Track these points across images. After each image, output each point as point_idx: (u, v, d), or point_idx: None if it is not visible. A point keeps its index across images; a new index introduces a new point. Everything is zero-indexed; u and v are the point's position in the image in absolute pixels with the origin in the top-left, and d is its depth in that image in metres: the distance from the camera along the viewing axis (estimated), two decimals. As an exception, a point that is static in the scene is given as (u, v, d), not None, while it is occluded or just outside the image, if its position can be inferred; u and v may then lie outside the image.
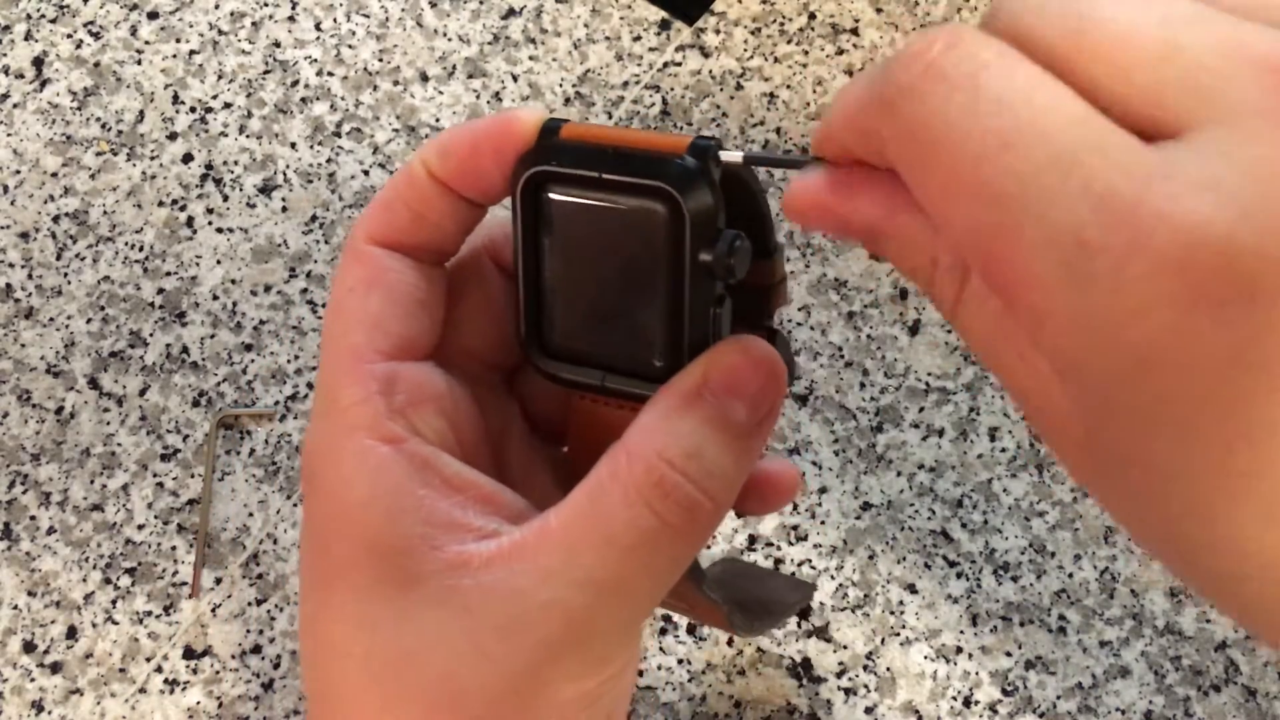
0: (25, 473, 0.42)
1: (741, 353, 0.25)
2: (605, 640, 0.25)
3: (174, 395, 0.43)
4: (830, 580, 0.40)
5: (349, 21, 0.49)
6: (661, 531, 0.24)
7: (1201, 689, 0.39)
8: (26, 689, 0.39)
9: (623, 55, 0.48)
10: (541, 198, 0.26)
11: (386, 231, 0.27)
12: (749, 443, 0.25)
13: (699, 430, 0.24)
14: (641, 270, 0.25)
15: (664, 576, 0.25)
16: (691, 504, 0.24)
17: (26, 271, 0.45)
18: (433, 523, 0.25)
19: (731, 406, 0.25)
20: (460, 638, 0.25)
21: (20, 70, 0.48)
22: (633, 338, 0.26)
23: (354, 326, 0.26)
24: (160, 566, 0.41)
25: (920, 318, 0.44)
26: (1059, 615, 0.40)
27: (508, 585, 0.25)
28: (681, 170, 0.24)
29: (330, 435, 0.26)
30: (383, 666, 0.25)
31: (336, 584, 0.26)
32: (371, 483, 0.25)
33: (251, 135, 0.47)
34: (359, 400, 0.26)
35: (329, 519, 0.26)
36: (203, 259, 0.45)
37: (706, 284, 0.25)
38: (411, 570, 0.25)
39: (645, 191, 0.24)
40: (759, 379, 0.25)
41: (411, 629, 0.25)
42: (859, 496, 0.42)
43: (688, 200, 0.24)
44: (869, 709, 0.39)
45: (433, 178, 0.27)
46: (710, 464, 0.24)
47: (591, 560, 0.24)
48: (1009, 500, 0.41)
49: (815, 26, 0.49)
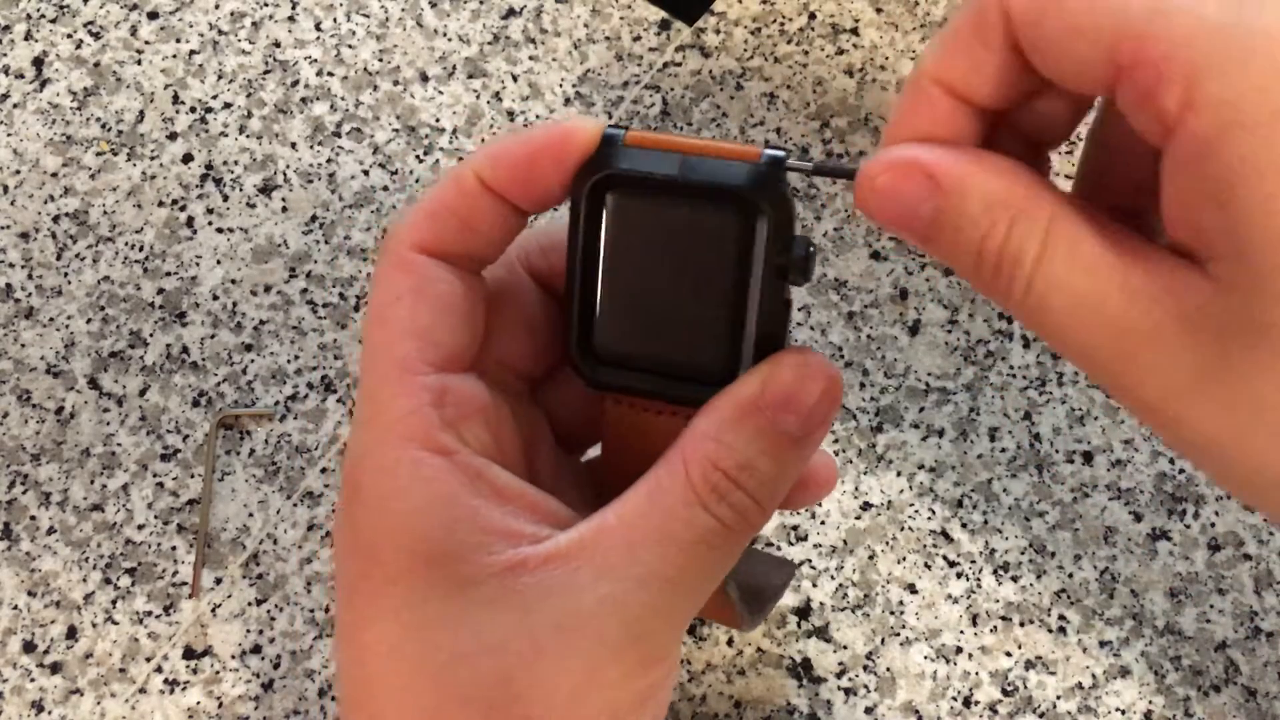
0: (25, 473, 0.42)
1: (799, 366, 0.25)
2: (660, 638, 0.26)
3: (174, 395, 0.43)
4: (830, 580, 0.40)
5: (349, 21, 0.49)
6: (717, 531, 0.25)
7: (1201, 689, 0.39)
8: (26, 689, 0.39)
9: (623, 55, 0.48)
10: (605, 203, 0.26)
11: (433, 240, 0.27)
12: (801, 452, 0.26)
13: (754, 442, 0.25)
14: (709, 275, 0.26)
15: (715, 574, 0.26)
16: (744, 509, 0.25)
17: (26, 271, 0.45)
18: (488, 530, 0.25)
19: (786, 420, 0.25)
20: (517, 638, 0.25)
21: (20, 70, 0.48)
22: (692, 342, 0.26)
23: (402, 337, 0.26)
24: (160, 566, 0.41)
25: (920, 318, 0.44)
26: (1059, 615, 0.40)
27: (566, 583, 0.25)
28: (761, 175, 0.25)
29: (380, 446, 0.26)
30: (439, 669, 0.25)
31: (387, 590, 0.26)
32: (426, 493, 0.25)
33: (251, 135, 0.47)
34: (410, 411, 0.26)
35: (378, 528, 0.26)
36: (203, 259, 0.45)
37: (777, 288, 0.25)
38: (467, 575, 0.25)
39: (721, 196, 0.25)
40: (815, 393, 0.25)
41: (467, 632, 0.25)
42: (859, 496, 0.42)
43: (769, 205, 0.25)
44: (869, 709, 0.39)
45: (485, 186, 0.26)
46: (763, 474, 0.25)
47: (651, 556, 0.25)
48: (1009, 500, 0.41)
49: (815, 26, 0.49)
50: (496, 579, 0.25)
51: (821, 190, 0.46)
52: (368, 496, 0.26)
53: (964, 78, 0.23)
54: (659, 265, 0.26)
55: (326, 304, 0.44)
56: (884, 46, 0.48)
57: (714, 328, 0.26)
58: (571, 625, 0.25)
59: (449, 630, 0.25)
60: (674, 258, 0.26)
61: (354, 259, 0.45)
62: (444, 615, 0.25)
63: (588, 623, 0.25)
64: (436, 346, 0.26)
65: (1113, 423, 0.42)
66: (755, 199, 0.25)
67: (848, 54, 0.48)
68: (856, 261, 0.45)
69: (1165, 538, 0.41)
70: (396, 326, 0.26)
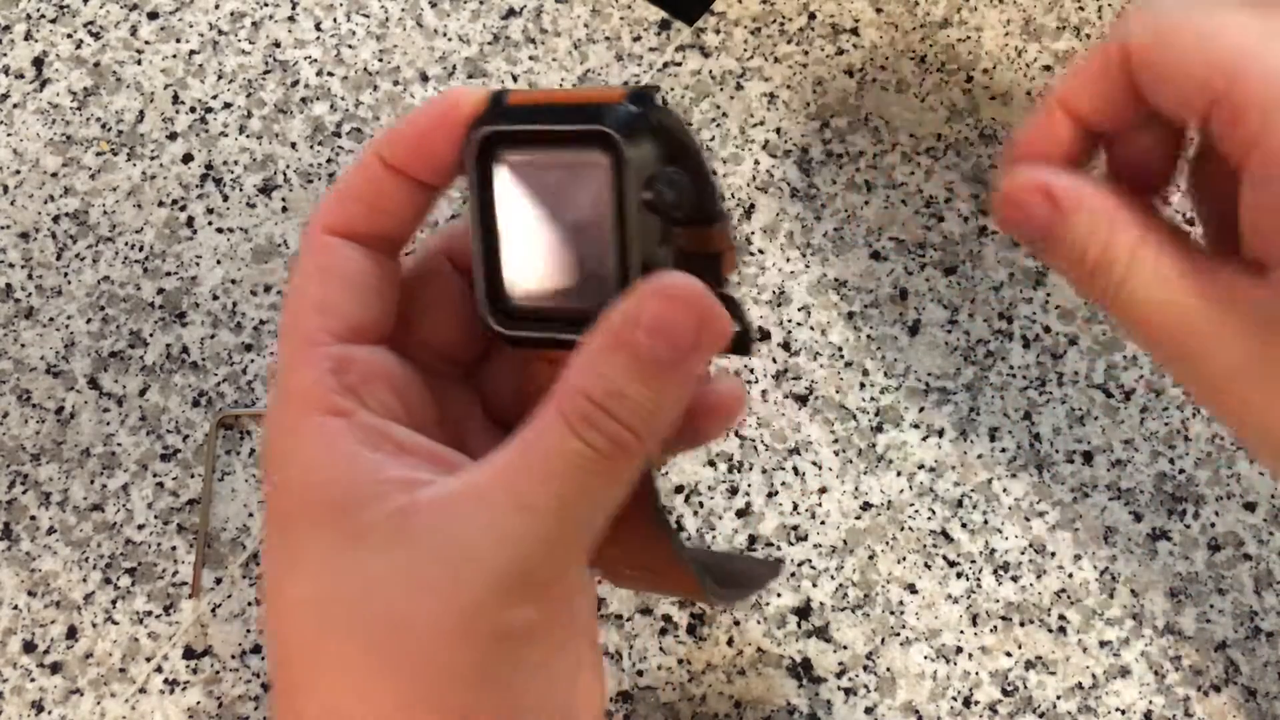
0: (25, 473, 0.42)
1: (664, 290, 0.25)
2: (545, 567, 0.26)
3: (174, 395, 0.43)
4: (830, 580, 0.40)
5: (349, 21, 0.49)
6: (593, 459, 0.25)
7: (1201, 689, 0.39)
8: (26, 689, 0.39)
9: (623, 55, 0.48)
10: (493, 162, 0.27)
11: (341, 222, 0.28)
12: (674, 377, 0.26)
13: (622, 370, 0.25)
14: (592, 219, 0.26)
15: (600, 501, 0.26)
16: (616, 435, 0.25)
17: (26, 271, 0.45)
18: (385, 481, 0.26)
19: (654, 345, 0.25)
20: (405, 575, 0.26)
21: (20, 70, 0.48)
22: (587, 288, 0.27)
23: (308, 312, 0.28)
24: (160, 566, 0.41)
25: (920, 318, 0.44)
26: (1059, 615, 0.40)
27: (453, 521, 0.26)
28: (619, 113, 0.25)
29: (286, 413, 0.27)
30: (335, 612, 0.26)
31: (295, 548, 0.27)
32: (327, 452, 0.26)
33: (251, 135, 0.47)
34: (313, 381, 0.27)
35: (286, 492, 0.27)
36: (203, 259, 0.45)
37: (651, 224, 0.26)
38: (364, 523, 0.26)
39: (587, 138, 0.26)
40: (679, 316, 0.25)
41: (360, 574, 0.26)
42: (859, 496, 0.42)
43: (626, 141, 0.25)
44: (869, 709, 0.39)
45: (387, 166, 0.28)
46: (634, 402, 0.25)
47: (529, 486, 0.25)
48: (1009, 500, 0.41)
49: (815, 26, 0.49)
50: (389, 523, 0.26)
51: (822, 190, 0.46)
52: (277, 462, 0.27)
53: (1086, 104, 0.29)
54: (549, 215, 0.27)
55: (326, 304, 0.44)
56: (884, 46, 0.48)
57: (603, 270, 0.27)
58: (456, 559, 0.25)
59: (345, 577, 0.26)
60: (560, 206, 0.27)
61: (354, 259, 0.45)
62: (342, 564, 0.26)
63: (472, 556, 0.25)
64: (341, 319, 0.28)
65: (1113, 423, 0.42)
66: (613, 134, 0.25)
67: (848, 54, 0.48)
68: (856, 261, 0.45)
69: (1165, 538, 0.41)
70: (303, 303, 0.28)
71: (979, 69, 0.48)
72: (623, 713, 0.39)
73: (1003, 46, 0.48)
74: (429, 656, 0.26)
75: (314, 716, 0.26)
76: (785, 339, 0.44)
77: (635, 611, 0.40)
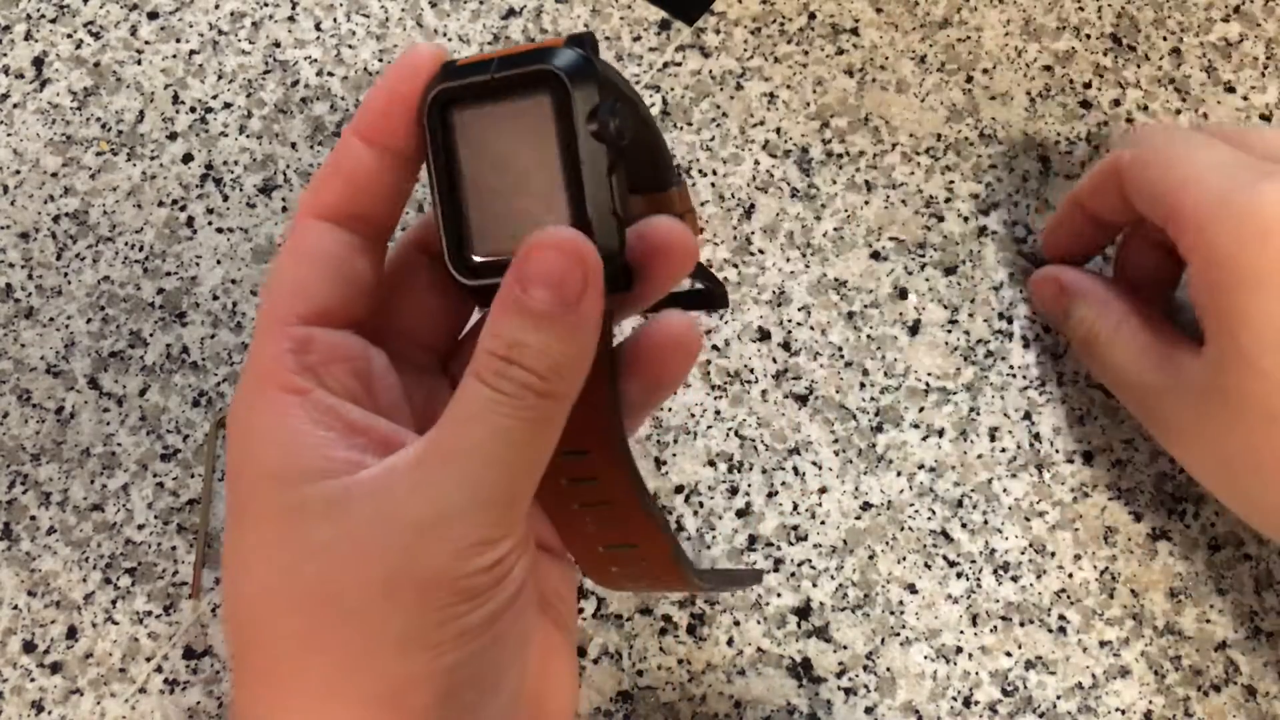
0: (25, 473, 0.42)
1: (540, 243, 0.26)
2: (472, 515, 0.26)
3: (174, 395, 0.43)
4: (830, 580, 0.40)
5: (349, 21, 0.49)
6: (505, 403, 0.26)
7: (1201, 689, 0.39)
8: (26, 689, 0.39)
9: (623, 55, 0.48)
10: (447, 119, 0.28)
11: (322, 203, 0.29)
12: (567, 322, 0.26)
13: (515, 323, 0.26)
14: (544, 161, 0.27)
15: (522, 452, 0.27)
16: (525, 381, 0.26)
17: (26, 271, 0.45)
18: (331, 459, 0.27)
19: (538, 296, 0.26)
20: (339, 542, 0.26)
21: (20, 70, 0.48)
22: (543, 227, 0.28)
23: (280, 293, 0.29)
24: (160, 566, 0.41)
25: (920, 318, 0.44)
26: (1059, 615, 0.40)
27: (387, 489, 0.26)
28: (558, 53, 0.27)
29: (245, 388, 0.28)
30: (276, 583, 0.27)
31: (247, 519, 0.28)
32: (276, 427, 0.27)
33: (251, 135, 0.47)
34: (273, 358, 0.28)
35: (241, 462, 0.28)
36: (203, 259, 0.45)
37: (598, 154, 0.27)
38: (309, 496, 0.26)
39: (531, 81, 0.27)
40: (557, 262, 0.26)
41: (297, 545, 0.26)
42: (859, 496, 0.42)
43: (568, 77, 0.27)
44: (869, 709, 0.39)
45: (362, 139, 0.29)
46: (534, 349, 0.26)
47: (449, 436, 0.26)
48: (1009, 500, 0.41)
49: (815, 26, 0.49)
50: (328, 497, 0.26)
51: (821, 190, 0.46)
52: (234, 435, 0.28)
53: (1095, 203, 0.40)
54: (507, 165, 0.28)
55: (326, 304, 0.44)
56: (884, 46, 0.48)
57: (561, 212, 0.27)
58: (385, 519, 0.26)
59: (284, 548, 0.27)
60: (516, 154, 0.28)
61: (354, 259, 0.45)
62: (286, 536, 0.27)
63: (399, 513, 0.26)
64: (308, 300, 0.29)
65: (1113, 423, 0.42)
66: (555, 71, 0.27)
67: (848, 54, 0.48)
68: (856, 261, 0.45)
69: (1165, 538, 0.41)
70: (278, 284, 0.29)
71: (979, 69, 0.48)
72: (623, 713, 0.39)
73: (1003, 46, 0.48)
74: (359, 624, 0.26)
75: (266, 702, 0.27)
76: (785, 339, 0.44)
77: (635, 611, 0.40)
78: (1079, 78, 0.48)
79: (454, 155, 0.28)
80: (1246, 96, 0.47)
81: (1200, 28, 0.49)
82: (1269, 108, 0.47)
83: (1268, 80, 0.48)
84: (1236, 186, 0.34)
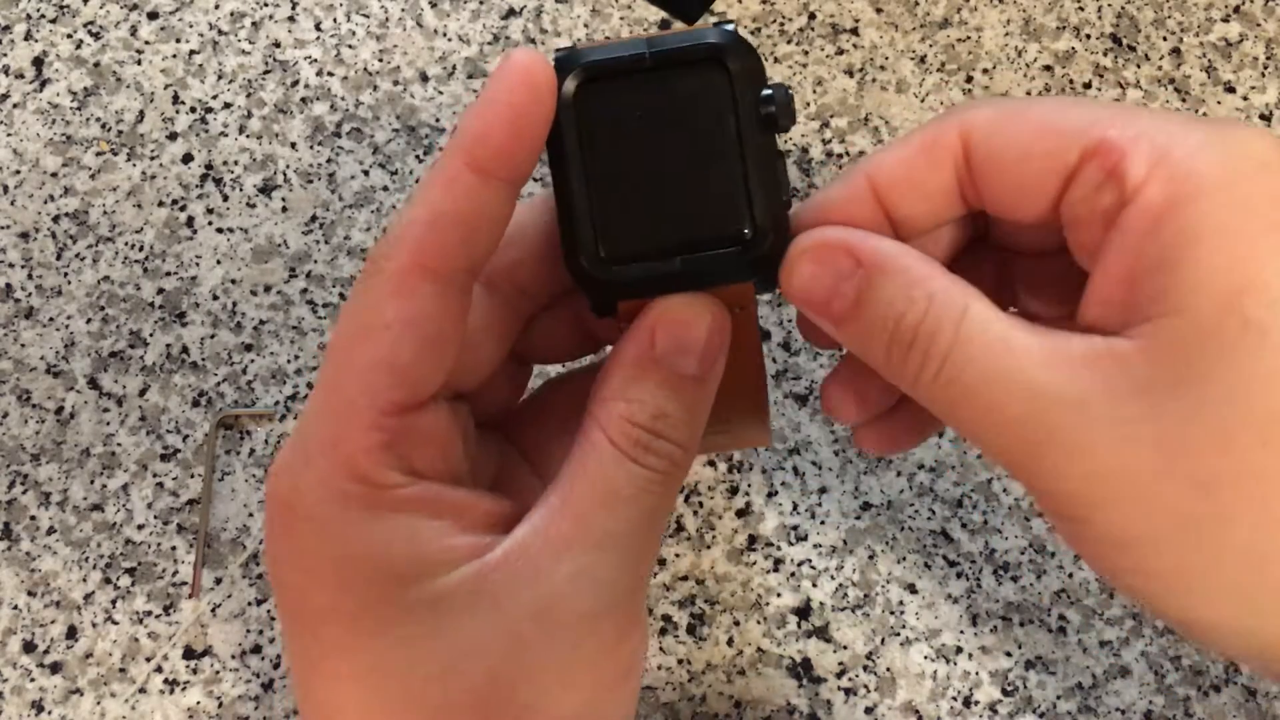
0: (25, 473, 0.42)
1: (682, 310, 0.26)
2: (630, 601, 0.26)
3: (174, 395, 0.43)
4: (830, 580, 0.40)
5: (349, 21, 0.49)
6: (653, 479, 0.26)
7: (1201, 689, 0.39)
8: (26, 689, 0.39)
9: (623, 55, 0.48)
10: (589, 103, 0.26)
11: (436, 256, 0.25)
12: (706, 389, 0.26)
13: (660, 391, 0.26)
14: (702, 142, 0.26)
15: (661, 520, 0.26)
16: (669, 453, 0.26)
17: (26, 271, 0.45)
18: (453, 548, 0.25)
19: (684, 363, 0.26)
20: (496, 635, 0.25)
21: (20, 70, 0.48)
22: (702, 213, 0.26)
23: (377, 369, 0.24)
24: (160, 566, 0.41)
25: (920, 318, 0.44)
26: (1059, 615, 0.40)
27: (531, 572, 0.25)
28: (723, 33, 0.26)
29: (326, 478, 0.25)
30: (421, 687, 0.25)
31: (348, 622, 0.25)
32: (380, 525, 0.25)
33: (251, 135, 0.47)
34: (365, 451, 0.24)
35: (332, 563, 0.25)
36: (203, 259, 0.45)
37: (768, 139, 0.26)
38: (435, 592, 0.25)
39: (695, 61, 0.26)
40: (704, 332, 0.26)
41: (444, 643, 0.25)
42: (859, 496, 0.42)
43: (740, 59, 0.26)
44: (869, 709, 0.39)
45: (479, 172, 0.24)
46: (676, 419, 0.26)
47: (602, 520, 0.25)
48: (1009, 500, 0.41)
49: (815, 26, 0.49)
50: (464, 588, 0.25)
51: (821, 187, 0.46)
52: (311, 528, 0.25)
53: (900, 190, 0.25)
54: (652, 148, 0.26)
55: (326, 304, 0.44)
56: (884, 46, 0.48)
57: (722, 191, 0.26)
58: (545, 609, 0.25)
59: (425, 647, 0.25)
60: (670, 136, 0.26)
61: (354, 259, 0.45)
62: (416, 635, 0.25)
63: (560, 602, 0.25)
64: (410, 386, 0.25)
65: (1113, 423, 0.42)
66: (726, 54, 0.26)
67: (848, 54, 0.48)
68: (856, 261, 0.45)
69: (1165, 538, 0.41)
70: (374, 354, 0.24)
71: (979, 69, 0.48)
72: (623, 713, 0.39)
73: (1003, 46, 0.48)
74: (545, 711, 0.25)
75: None
76: (785, 339, 0.44)
77: (635, 611, 0.40)
78: (1079, 78, 0.48)
79: (593, 142, 0.26)
80: (1246, 96, 0.47)
81: (1200, 28, 0.49)
82: (1269, 108, 0.47)
83: (1268, 80, 0.48)
84: (1199, 123, 0.23)
